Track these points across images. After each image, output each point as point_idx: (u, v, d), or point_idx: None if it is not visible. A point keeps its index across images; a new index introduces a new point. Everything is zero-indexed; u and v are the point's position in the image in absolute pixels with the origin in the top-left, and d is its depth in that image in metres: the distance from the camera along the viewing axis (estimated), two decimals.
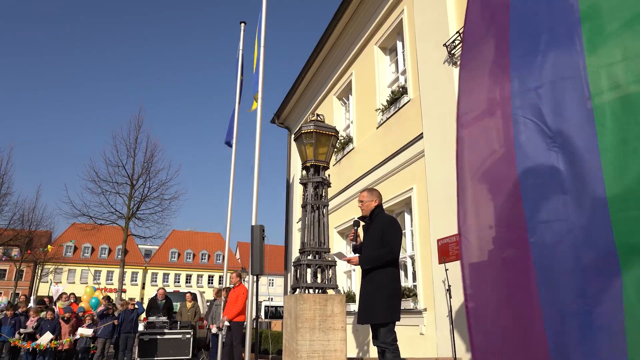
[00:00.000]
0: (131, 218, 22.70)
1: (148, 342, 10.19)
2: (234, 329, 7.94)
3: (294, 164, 14.64)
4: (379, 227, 4.30)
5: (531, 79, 1.87)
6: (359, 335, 9.02)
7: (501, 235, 1.88)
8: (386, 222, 4.35)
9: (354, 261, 4.28)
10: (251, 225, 6.45)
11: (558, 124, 1.76)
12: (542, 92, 1.83)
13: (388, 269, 4.16)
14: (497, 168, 1.92)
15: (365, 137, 10.11)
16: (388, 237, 4.20)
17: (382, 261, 4.13)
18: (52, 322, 9.45)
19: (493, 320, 1.85)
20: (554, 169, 1.73)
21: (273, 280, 59.63)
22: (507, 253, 1.85)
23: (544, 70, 1.85)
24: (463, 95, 2.14)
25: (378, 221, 4.37)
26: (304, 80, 13.41)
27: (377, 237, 4.25)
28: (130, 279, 56.10)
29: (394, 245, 4.20)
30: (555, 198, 1.72)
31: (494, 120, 1.96)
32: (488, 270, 1.92)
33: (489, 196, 1.95)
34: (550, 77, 1.82)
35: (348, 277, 10.68)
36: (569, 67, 1.78)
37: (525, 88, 1.89)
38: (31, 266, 40.79)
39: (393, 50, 9.88)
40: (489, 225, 1.94)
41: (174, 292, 18.51)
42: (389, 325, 4.08)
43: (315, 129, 6.15)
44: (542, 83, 1.83)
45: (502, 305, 1.82)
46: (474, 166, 2.00)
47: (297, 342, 5.10)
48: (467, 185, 2.02)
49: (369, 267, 4.17)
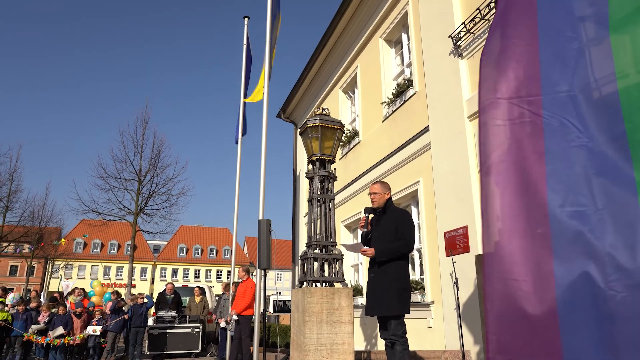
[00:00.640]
0: (139, 214, 22.86)
1: (158, 336, 10.30)
2: (242, 323, 8.00)
3: (300, 158, 14.64)
4: (392, 220, 4.31)
5: (562, 77, 1.87)
6: (367, 329, 9.05)
7: (520, 225, 1.87)
8: (400, 215, 4.38)
9: (369, 252, 4.24)
10: (258, 220, 6.48)
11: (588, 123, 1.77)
12: (572, 92, 1.83)
13: (400, 261, 4.19)
14: (524, 162, 1.90)
15: (371, 130, 10.08)
16: (403, 229, 4.24)
17: (398, 253, 4.17)
18: (64, 317, 9.57)
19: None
20: (582, 166, 1.75)
21: (281, 274, 59.86)
22: (524, 243, 1.84)
23: (576, 69, 1.84)
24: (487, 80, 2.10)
25: (391, 214, 4.39)
26: (309, 75, 13.38)
27: (390, 229, 4.26)
28: (140, 274, 56.61)
29: (409, 238, 4.24)
30: (582, 191, 1.73)
31: (519, 110, 1.95)
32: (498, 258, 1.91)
33: (512, 189, 1.93)
34: (582, 77, 1.82)
35: (355, 270, 10.70)
36: (600, 69, 1.78)
37: (555, 87, 1.88)
38: (42, 262, 41.34)
39: (398, 42, 9.83)
40: (510, 214, 1.92)
41: (182, 286, 18.70)
42: (400, 318, 4.11)
43: (320, 122, 6.14)
44: (573, 83, 1.83)
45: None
46: (498, 156, 1.98)
47: (305, 335, 5.13)
48: (491, 175, 1.99)
49: (384, 259, 4.17)
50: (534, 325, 1.75)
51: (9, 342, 9.56)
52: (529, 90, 1.96)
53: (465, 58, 6.93)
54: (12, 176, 27.63)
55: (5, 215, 27.57)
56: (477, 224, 6.27)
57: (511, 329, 1.83)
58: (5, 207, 27.35)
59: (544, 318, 1.73)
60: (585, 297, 1.65)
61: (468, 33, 6.75)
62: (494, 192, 1.95)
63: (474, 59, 6.74)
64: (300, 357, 5.24)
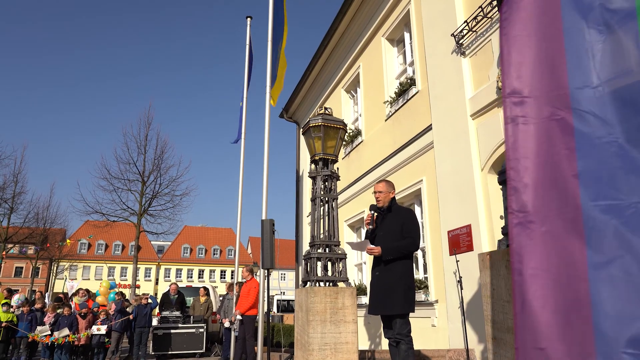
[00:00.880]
0: (143, 214, 22.91)
1: (162, 337, 10.33)
2: (246, 323, 8.01)
3: (303, 158, 14.65)
4: (398, 219, 4.32)
5: (589, 71, 1.85)
6: (371, 328, 9.05)
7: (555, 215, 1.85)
8: (406, 214, 4.39)
9: (376, 251, 4.22)
10: (261, 220, 6.49)
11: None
12: (601, 87, 1.82)
13: (405, 260, 4.20)
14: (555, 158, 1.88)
15: (374, 129, 10.07)
16: (409, 228, 4.25)
17: (405, 252, 4.18)
18: (69, 318, 9.61)
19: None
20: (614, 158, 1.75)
21: (285, 274, 59.88)
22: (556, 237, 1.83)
23: (603, 62, 1.83)
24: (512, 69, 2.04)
25: (396, 213, 4.39)
26: (311, 74, 13.38)
27: (396, 228, 4.26)
28: (144, 274, 56.76)
29: (416, 237, 4.25)
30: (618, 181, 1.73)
31: (551, 109, 1.92)
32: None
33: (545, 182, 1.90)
34: (609, 70, 1.80)
35: (359, 270, 10.69)
36: (628, 60, 1.76)
37: (583, 81, 1.87)
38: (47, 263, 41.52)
39: (400, 41, 9.81)
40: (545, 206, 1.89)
41: (186, 287, 18.74)
42: (405, 317, 4.10)
43: (323, 122, 6.14)
44: (601, 77, 1.82)
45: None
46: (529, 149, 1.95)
47: (309, 334, 5.13)
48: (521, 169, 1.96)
49: (391, 257, 4.17)
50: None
51: (14, 343, 9.61)
52: (556, 87, 1.93)
53: (468, 56, 6.91)
54: (16, 178, 27.72)
55: (10, 216, 27.68)
56: (481, 223, 6.25)
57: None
58: (10, 209, 27.44)
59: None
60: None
61: (470, 31, 6.73)
62: (525, 186, 1.92)
63: (477, 57, 6.73)
64: (304, 357, 5.25)
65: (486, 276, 2.99)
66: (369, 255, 4.61)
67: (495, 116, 6.17)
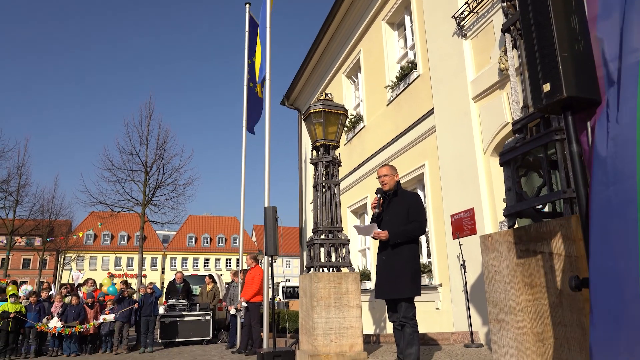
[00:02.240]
0: (147, 204, 22.97)
1: (169, 325, 10.45)
2: (251, 310, 8.07)
3: (305, 145, 14.61)
4: (404, 203, 4.31)
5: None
6: (375, 313, 9.11)
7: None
8: (412, 198, 4.38)
9: (383, 235, 4.20)
10: (264, 207, 6.50)
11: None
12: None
13: (412, 244, 4.20)
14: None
15: (376, 115, 10.02)
16: (416, 212, 4.25)
17: (413, 236, 4.18)
18: (77, 308, 9.71)
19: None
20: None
21: (290, 261, 60.20)
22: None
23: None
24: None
25: (402, 197, 4.38)
26: (312, 61, 13.28)
27: (402, 212, 4.26)
28: (150, 264, 57.19)
29: (423, 220, 4.26)
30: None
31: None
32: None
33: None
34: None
35: (362, 255, 10.73)
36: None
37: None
38: (54, 255, 41.88)
39: (401, 25, 9.70)
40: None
41: (192, 275, 18.88)
42: (411, 300, 4.12)
43: (323, 108, 6.11)
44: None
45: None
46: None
47: (313, 320, 5.17)
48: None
49: (398, 241, 4.16)
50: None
51: (24, 333, 9.73)
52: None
53: (469, 38, 6.83)
54: (20, 170, 27.82)
55: (16, 209, 27.87)
56: (484, 206, 6.24)
57: None
58: (15, 201, 27.61)
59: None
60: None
61: (472, 13, 6.64)
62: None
63: (478, 39, 6.65)
64: (309, 342, 5.29)
65: (488, 258, 2.98)
66: (374, 239, 4.59)
67: (497, 98, 6.12)
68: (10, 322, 9.35)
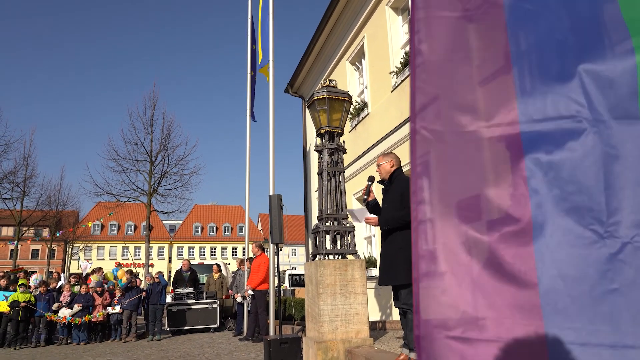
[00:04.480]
0: (153, 194, 23.07)
1: (177, 313, 10.55)
2: (257, 297, 8.12)
3: (309, 132, 14.55)
4: (398, 190, 4.30)
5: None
6: (381, 299, 9.13)
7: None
8: (405, 184, 4.34)
9: (372, 221, 4.24)
10: (269, 195, 6.49)
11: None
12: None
13: (405, 231, 4.17)
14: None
15: (380, 101, 9.94)
16: (407, 198, 4.20)
17: (401, 222, 4.15)
18: (86, 296, 9.82)
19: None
20: None
21: (296, 249, 60.49)
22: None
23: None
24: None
25: (397, 184, 4.37)
26: (315, 48, 13.15)
27: (396, 199, 4.25)
28: (157, 253, 57.68)
29: None
30: None
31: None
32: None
33: None
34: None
35: (368, 242, 10.73)
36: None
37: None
38: (62, 245, 42.33)
39: (405, 9, 9.57)
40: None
41: (198, 264, 19.04)
42: (409, 287, 4.11)
43: (327, 94, 6.06)
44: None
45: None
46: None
47: (319, 307, 5.18)
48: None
49: (387, 227, 4.18)
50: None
51: (34, 323, 9.86)
52: None
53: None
54: (26, 161, 28.00)
55: (23, 200, 28.08)
56: None
57: None
58: (22, 192, 27.83)
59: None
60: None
61: None
62: None
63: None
64: (316, 329, 5.31)
65: None
66: (367, 225, 4.65)
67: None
68: (20, 311, 9.47)
